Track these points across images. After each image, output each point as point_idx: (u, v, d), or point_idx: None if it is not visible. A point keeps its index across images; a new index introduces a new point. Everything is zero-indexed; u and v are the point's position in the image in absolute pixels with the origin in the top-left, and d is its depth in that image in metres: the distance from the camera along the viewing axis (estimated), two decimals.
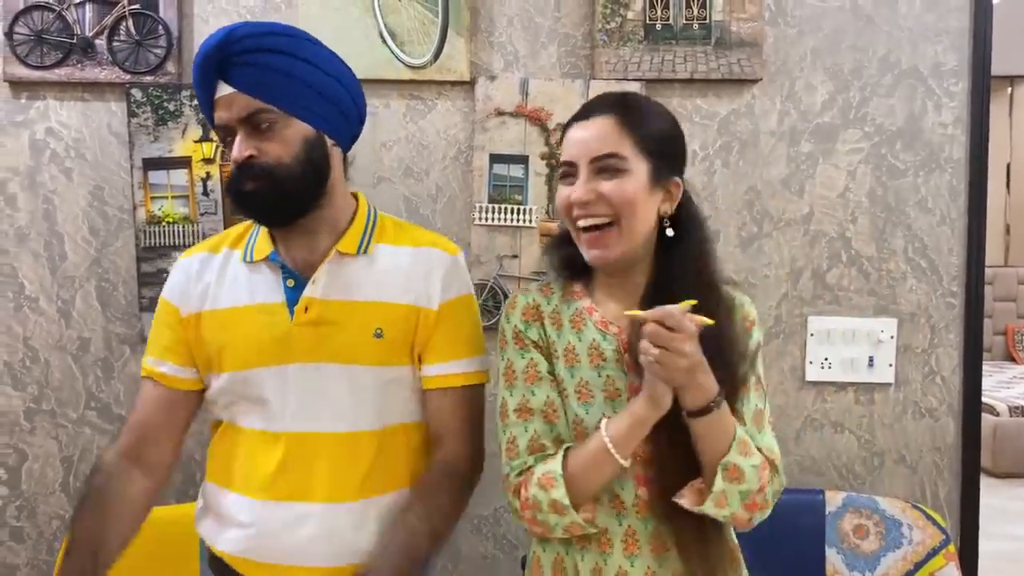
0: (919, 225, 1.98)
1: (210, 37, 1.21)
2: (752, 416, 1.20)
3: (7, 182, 2.03)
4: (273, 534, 1.24)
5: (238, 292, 1.28)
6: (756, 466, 1.14)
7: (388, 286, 1.28)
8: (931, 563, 1.84)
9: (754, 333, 1.25)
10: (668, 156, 1.20)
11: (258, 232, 1.32)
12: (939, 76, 1.96)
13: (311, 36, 1.26)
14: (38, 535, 2.07)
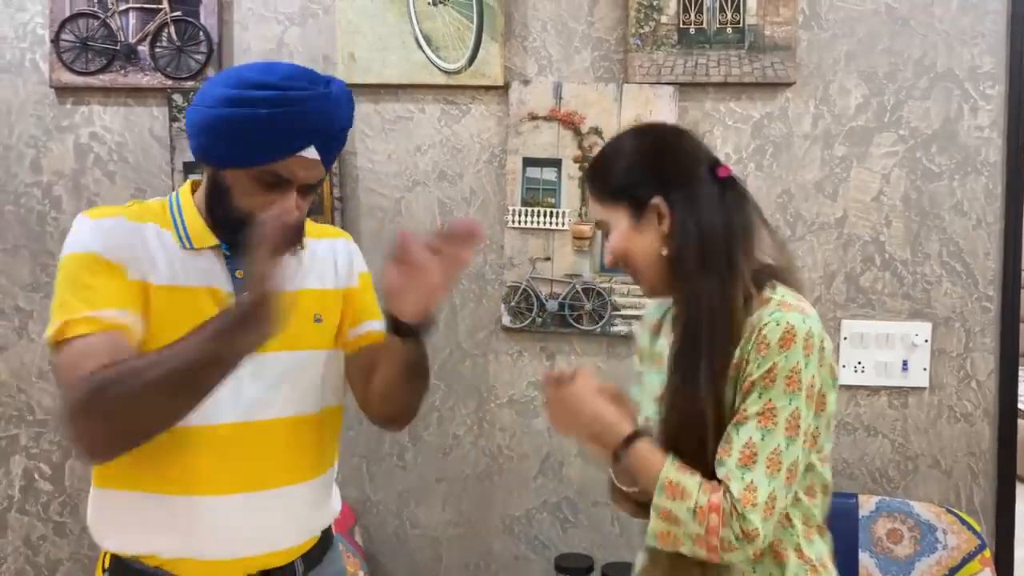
0: (954, 229, 1.97)
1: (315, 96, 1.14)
2: (740, 448, 1.09)
3: (52, 185, 2.08)
4: (234, 528, 1.22)
5: (187, 272, 1.20)
6: (691, 509, 1.07)
7: (321, 274, 1.32)
8: (966, 568, 1.83)
9: (770, 356, 1.09)
10: (638, 187, 1.20)
11: (182, 214, 1.23)
12: (975, 79, 1.95)
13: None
14: (80, 530, 2.12)
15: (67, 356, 1.10)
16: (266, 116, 1.12)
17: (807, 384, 1.09)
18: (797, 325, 1.09)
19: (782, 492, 1.08)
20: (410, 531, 2.07)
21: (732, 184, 1.22)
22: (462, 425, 2.05)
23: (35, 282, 2.09)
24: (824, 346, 1.12)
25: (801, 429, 1.09)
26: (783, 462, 1.08)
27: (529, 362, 2.03)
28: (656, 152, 1.22)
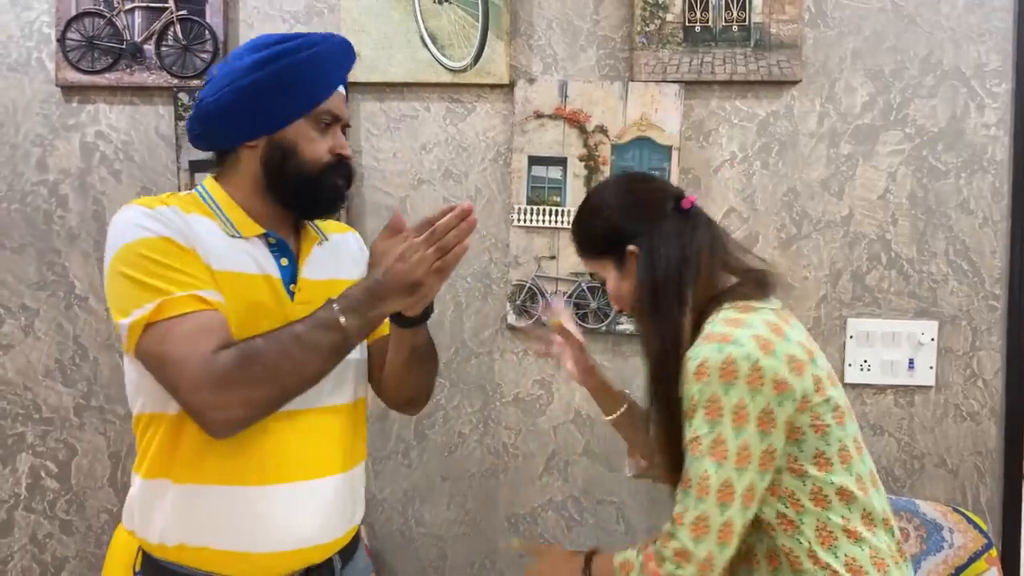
0: (960, 227, 1.96)
1: (339, 40, 1.27)
2: (683, 474, 1.19)
3: (59, 184, 2.09)
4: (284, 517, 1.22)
5: (241, 259, 1.22)
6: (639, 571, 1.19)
7: (344, 265, 1.36)
8: (973, 567, 1.82)
9: (690, 390, 1.18)
10: (616, 238, 1.32)
11: (220, 206, 1.26)
12: (982, 77, 1.95)
13: None
14: (87, 528, 2.12)
15: (178, 334, 1.11)
16: (310, 56, 1.21)
17: (731, 409, 1.15)
18: (710, 357, 1.16)
19: (715, 512, 1.15)
20: (415, 529, 2.08)
21: (695, 214, 1.32)
22: (467, 423, 2.05)
23: (41, 281, 2.10)
24: (760, 364, 1.15)
25: (729, 451, 1.15)
26: (711, 486, 1.15)
27: (534, 361, 2.03)
28: (624, 205, 1.34)
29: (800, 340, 1.21)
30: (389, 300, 1.16)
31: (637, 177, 1.49)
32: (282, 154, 1.23)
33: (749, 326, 1.19)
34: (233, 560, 1.20)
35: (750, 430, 1.16)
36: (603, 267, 1.36)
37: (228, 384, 1.10)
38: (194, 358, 1.10)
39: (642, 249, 1.29)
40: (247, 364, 1.11)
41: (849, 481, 1.21)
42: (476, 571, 2.07)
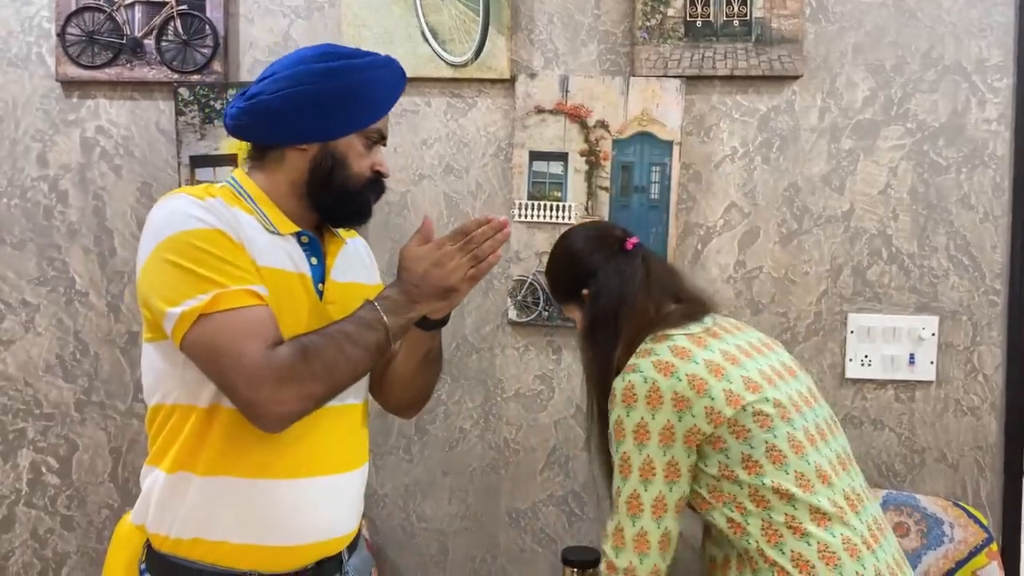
0: (961, 222, 1.97)
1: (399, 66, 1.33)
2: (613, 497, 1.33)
3: (59, 179, 2.09)
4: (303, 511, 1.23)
5: (279, 256, 1.23)
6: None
7: (362, 269, 1.41)
8: (973, 562, 1.83)
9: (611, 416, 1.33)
10: (572, 286, 1.46)
11: (256, 201, 1.26)
12: (983, 72, 1.95)
13: None
14: (88, 523, 2.12)
15: (231, 327, 1.11)
16: (377, 77, 1.27)
17: (631, 429, 1.29)
18: (616, 386, 1.31)
19: (628, 524, 1.29)
20: (416, 524, 2.08)
21: (635, 252, 1.44)
22: (468, 419, 2.05)
23: (42, 276, 2.10)
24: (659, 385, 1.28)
25: (632, 467, 1.29)
26: (620, 499, 1.30)
27: (535, 356, 2.03)
28: (574, 254, 1.47)
29: (709, 358, 1.31)
30: (424, 303, 1.22)
31: (590, 225, 1.59)
32: (332, 163, 1.26)
33: (654, 354, 1.31)
34: (250, 553, 1.21)
35: (651, 446, 1.28)
36: (571, 310, 1.50)
37: (288, 379, 1.11)
38: (253, 353, 1.11)
39: (590, 290, 1.42)
40: (307, 360, 1.13)
41: (785, 480, 1.26)
42: (477, 566, 2.07)
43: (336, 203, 1.29)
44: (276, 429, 1.16)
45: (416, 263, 1.22)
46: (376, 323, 1.18)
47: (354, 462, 1.32)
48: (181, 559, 1.21)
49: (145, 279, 1.17)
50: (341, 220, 1.33)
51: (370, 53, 1.31)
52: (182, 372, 1.19)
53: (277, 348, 1.13)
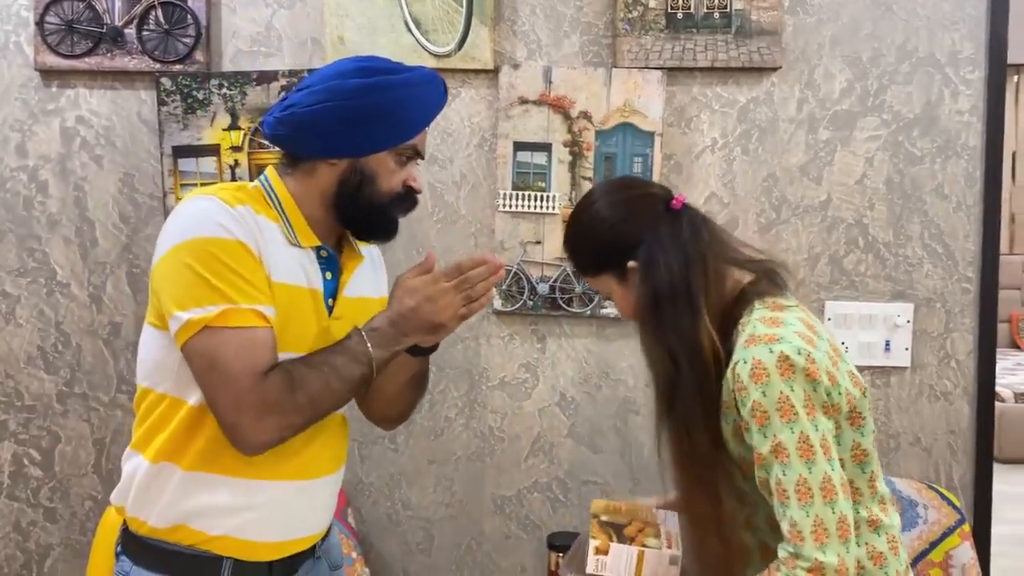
0: (935, 211, 2.01)
1: (440, 81, 1.28)
2: (775, 488, 1.12)
3: (38, 169, 2.07)
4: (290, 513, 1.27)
5: (294, 271, 1.24)
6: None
7: (371, 282, 1.39)
8: (946, 542, 1.88)
9: (748, 396, 1.13)
10: (609, 256, 1.27)
11: (284, 209, 1.26)
12: (956, 64, 1.99)
13: None
14: (71, 516, 2.12)
15: (232, 346, 1.13)
16: (413, 95, 1.24)
17: (801, 404, 1.11)
18: (763, 358, 1.11)
19: (827, 513, 1.09)
20: (402, 512, 2.09)
21: (686, 213, 1.26)
22: (453, 407, 2.07)
23: (22, 267, 2.08)
24: (813, 356, 1.12)
25: (815, 447, 1.10)
26: (812, 487, 1.09)
27: (520, 345, 2.05)
28: (615, 219, 1.27)
29: (827, 338, 1.20)
30: (412, 336, 1.21)
31: (620, 185, 1.40)
32: (361, 179, 1.24)
33: (789, 324, 1.16)
34: (227, 543, 1.23)
35: (822, 420, 1.11)
36: (605, 284, 1.30)
37: (272, 410, 1.13)
38: (244, 378, 1.12)
39: (640, 261, 1.23)
40: (292, 392, 1.14)
41: (876, 468, 1.21)
42: (463, 553, 2.09)
43: (363, 218, 1.27)
44: (251, 454, 1.18)
45: (410, 295, 1.20)
46: (362, 356, 1.18)
47: (336, 464, 1.35)
48: (158, 541, 1.23)
49: (160, 273, 1.18)
50: (367, 235, 1.32)
51: (410, 68, 1.27)
52: (178, 367, 1.19)
53: (268, 376, 1.14)
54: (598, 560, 1.31)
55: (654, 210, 1.26)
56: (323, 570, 1.37)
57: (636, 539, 1.35)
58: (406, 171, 1.28)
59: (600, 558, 1.31)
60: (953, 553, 1.87)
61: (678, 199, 1.27)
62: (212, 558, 1.22)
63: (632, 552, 1.32)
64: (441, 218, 2.05)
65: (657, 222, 1.24)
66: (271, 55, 2.04)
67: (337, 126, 1.21)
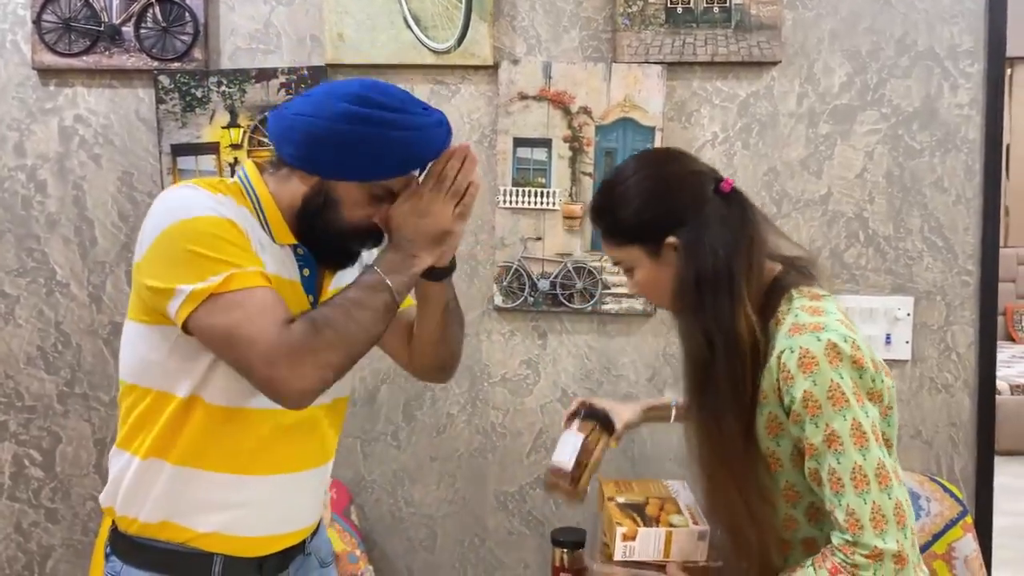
0: (935, 205, 2.01)
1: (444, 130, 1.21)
2: (827, 478, 1.10)
3: (37, 169, 2.06)
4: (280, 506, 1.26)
5: (276, 262, 1.23)
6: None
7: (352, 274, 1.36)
8: (949, 534, 1.89)
9: (796, 386, 1.11)
10: (652, 227, 1.21)
11: (262, 205, 1.25)
12: (955, 57, 1.99)
13: None
14: (72, 516, 2.11)
15: (248, 307, 1.11)
16: (398, 138, 1.17)
17: (851, 392, 1.10)
18: (811, 346, 1.10)
19: (884, 500, 1.08)
20: (405, 509, 2.09)
21: (735, 196, 1.22)
22: (455, 404, 2.07)
23: (21, 267, 2.07)
24: (857, 343, 1.12)
25: (868, 434, 1.09)
26: (868, 474, 1.08)
27: (521, 341, 2.05)
28: (661, 191, 1.22)
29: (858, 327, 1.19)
30: (423, 255, 1.20)
31: (669, 157, 1.34)
32: (324, 201, 1.21)
33: (830, 312, 1.15)
34: (216, 540, 1.23)
35: (870, 407, 1.11)
36: (632, 257, 1.24)
37: (304, 353, 1.11)
38: (268, 332, 1.10)
39: (683, 241, 1.19)
40: (319, 332, 1.12)
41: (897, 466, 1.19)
42: (466, 549, 2.09)
43: (318, 241, 1.24)
44: (299, 405, 1.15)
45: (403, 220, 1.20)
46: (379, 285, 1.17)
47: (320, 459, 1.33)
48: (147, 539, 1.22)
49: (150, 259, 1.15)
50: (321, 259, 1.28)
51: (413, 110, 1.19)
52: (165, 360, 1.18)
53: (290, 325, 1.12)
54: (626, 547, 1.30)
55: (704, 189, 1.21)
56: (313, 566, 1.36)
57: (660, 518, 1.33)
58: (374, 208, 1.22)
59: (629, 544, 1.30)
60: (956, 545, 1.88)
61: (728, 182, 1.23)
62: (202, 555, 1.22)
63: (660, 533, 1.30)
64: None
65: (705, 202, 1.20)
66: (270, 52, 2.04)
67: (313, 142, 1.18)
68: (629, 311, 2.01)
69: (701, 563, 1.31)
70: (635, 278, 1.26)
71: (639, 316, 2.02)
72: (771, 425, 1.17)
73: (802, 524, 1.23)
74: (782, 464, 1.19)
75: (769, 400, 1.16)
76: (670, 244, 1.20)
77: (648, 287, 1.26)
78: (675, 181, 1.23)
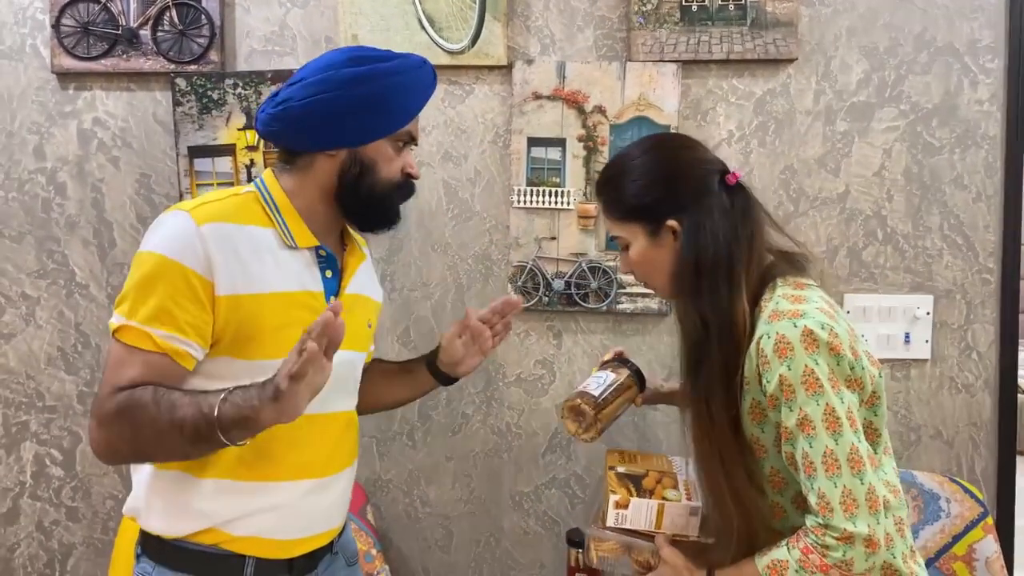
0: (955, 202, 1.99)
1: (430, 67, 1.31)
2: (801, 461, 1.13)
3: (56, 171, 2.08)
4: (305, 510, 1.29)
5: (285, 276, 1.23)
6: (796, 569, 1.12)
7: (372, 283, 1.44)
8: (969, 535, 1.86)
9: (772, 371, 1.13)
10: (655, 207, 1.25)
11: (280, 211, 1.25)
12: (975, 53, 1.97)
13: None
14: (93, 515, 2.13)
15: (115, 355, 1.17)
16: (405, 82, 1.25)
17: (826, 377, 1.11)
18: (787, 333, 1.12)
19: (856, 484, 1.09)
20: (421, 509, 2.10)
21: (739, 190, 1.26)
22: (471, 404, 2.07)
23: (41, 269, 2.10)
24: (836, 331, 1.14)
25: (842, 419, 1.11)
26: (840, 458, 1.10)
27: (536, 341, 2.05)
28: (668, 174, 1.26)
29: (845, 318, 1.21)
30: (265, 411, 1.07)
31: (680, 143, 1.36)
32: (361, 169, 1.25)
33: (811, 300, 1.17)
34: (250, 544, 1.24)
35: (847, 393, 1.12)
36: (630, 233, 1.28)
37: (104, 425, 1.15)
38: (103, 389, 1.16)
39: (684, 225, 1.22)
40: (121, 419, 1.13)
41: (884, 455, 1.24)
42: (481, 549, 2.10)
43: (365, 208, 1.28)
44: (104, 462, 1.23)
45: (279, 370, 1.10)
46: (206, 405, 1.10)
47: (347, 461, 1.37)
48: (180, 542, 1.23)
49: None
50: (372, 225, 1.32)
51: (400, 55, 1.28)
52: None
53: (118, 394, 1.13)
54: (619, 514, 1.33)
55: (709, 179, 1.25)
56: (340, 566, 1.39)
57: (655, 491, 1.36)
58: (403, 158, 1.30)
59: (620, 512, 1.33)
60: (976, 546, 1.85)
61: (735, 174, 1.26)
62: (235, 556, 1.23)
63: (652, 505, 1.33)
64: (456, 215, 2.05)
65: (709, 192, 1.23)
66: (285, 54, 2.04)
67: (334, 117, 1.22)
68: (644, 310, 2.00)
69: (692, 538, 1.34)
70: (629, 255, 1.30)
71: (654, 315, 2.01)
72: (754, 411, 1.20)
73: (790, 512, 1.25)
74: (766, 450, 1.22)
75: (751, 386, 1.18)
76: (670, 227, 1.24)
77: (641, 266, 1.29)
78: (683, 167, 1.27)
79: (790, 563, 1.12)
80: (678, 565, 1.26)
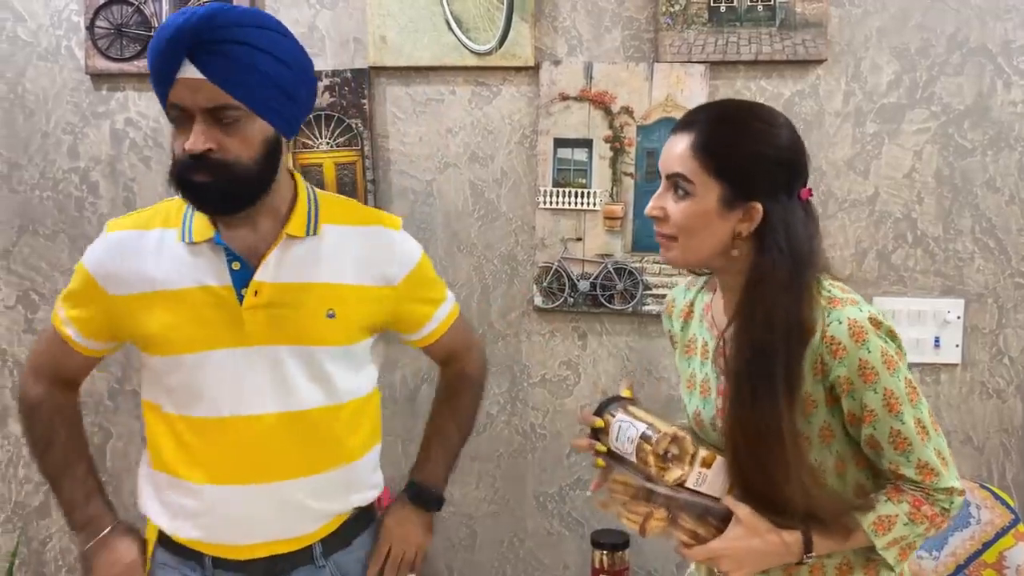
0: (987, 205, 1.96)
1: (184, 13, 1.13)
2: (888, 439, 1.14)
3: (89, 171, 2.12)
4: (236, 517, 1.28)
5: (181, 273, 1.23)
6: (906, 522, 1.15)
7: (340, 268, 1.28)
8: (1000, 543, 1.84)
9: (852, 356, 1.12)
10: (748, 179, 1.15)
11: (193, 212, 1.24)
12: (1008, 54, 1.94)
13: (285, 28, 1.23)
14: (123, 511, 2.14)
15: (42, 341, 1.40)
16: (154, 48, 1.16)
17: (896, 355, 1.15)
18: (857, 317, 1.14)
19: (941, 444, 1.18)
20: (445, 509, 2.08)
21: (810, 207, 1.21)
22: (495, 404, 2.08)
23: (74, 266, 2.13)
24: (883, 319, 1.17)
25: (917, 387, 1.17)
26: (925, 424, 1.16)
27: (561, 342, 2.05)
28: (788, 159, 1.17)
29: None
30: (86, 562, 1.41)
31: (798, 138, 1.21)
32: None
33: (852, 291, 1.20)
34: (199, 545, 1.32)
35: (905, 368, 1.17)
36: (704, 185, 1.15)
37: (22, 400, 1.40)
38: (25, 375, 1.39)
39: (768, 216, 1.15)
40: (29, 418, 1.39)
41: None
42: (505, 549, 2.10)
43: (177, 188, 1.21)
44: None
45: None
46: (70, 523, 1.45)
47: (304, 469, 1.28)
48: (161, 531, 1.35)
49: None
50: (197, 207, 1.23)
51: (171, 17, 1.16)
52: (142, 370, 1.33)
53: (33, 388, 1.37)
54: (701, 474, 1.18)
55: (796, 183, 1.18)
56: None
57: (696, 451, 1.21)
58: (183, 135, 1.17)
59: (703, 472, 1.18)
60: (1007, 554, 1.83)
61: (809, 190, 1.20)
62: (191, 550, 1.32)
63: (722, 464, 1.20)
64: (482, 216, 2.05)
65: (792, 193, 1.17)
66: (314, 55, 2.04)
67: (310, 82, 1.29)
68: None
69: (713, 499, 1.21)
70: (683, 205, 1.16)
71: None
72: (804, 404, 1.18)
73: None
74: (811, 444, 1.21)
75: (810, 376, 1.16)
76: (752, 208, 1.14)
77: (690, 220, 1.16)
78: (801, 160, 1.19)
79: (899, 516, 1.15)
80: (759, 527, 1.16)
